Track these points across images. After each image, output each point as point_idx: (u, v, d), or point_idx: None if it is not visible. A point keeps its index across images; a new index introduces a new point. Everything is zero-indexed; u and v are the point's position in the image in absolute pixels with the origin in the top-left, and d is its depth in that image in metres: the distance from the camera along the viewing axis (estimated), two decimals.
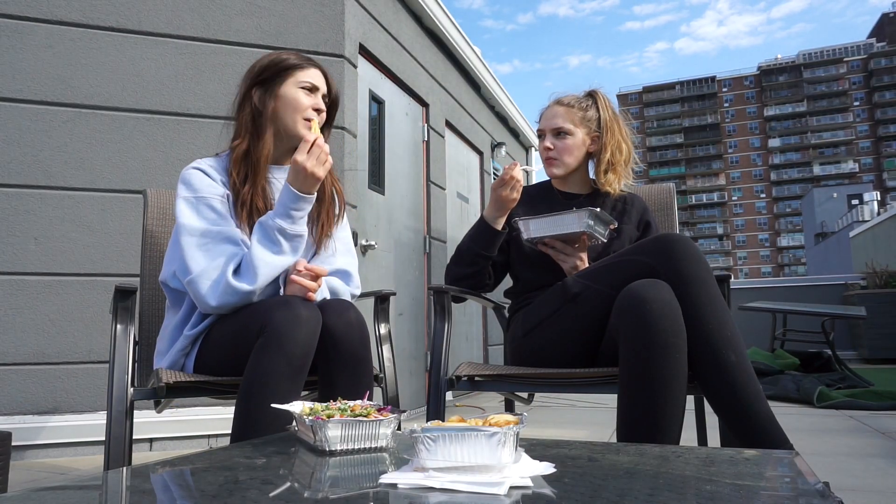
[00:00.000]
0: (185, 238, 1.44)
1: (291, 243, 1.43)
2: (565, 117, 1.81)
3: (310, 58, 1.62)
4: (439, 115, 4.55)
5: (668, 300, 1.33)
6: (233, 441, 1.25)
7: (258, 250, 1.40)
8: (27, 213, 2.67)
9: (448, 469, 0.73)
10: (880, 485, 1.93)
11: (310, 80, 1.58)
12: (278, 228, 1.41)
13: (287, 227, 1.41)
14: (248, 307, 1.41)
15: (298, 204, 1.42)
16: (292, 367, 1.24)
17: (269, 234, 1.41)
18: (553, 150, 1.81)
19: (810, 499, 0.66)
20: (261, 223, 1.43)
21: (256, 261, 1.39)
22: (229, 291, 1.39)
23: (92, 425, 2.61)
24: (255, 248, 1.41)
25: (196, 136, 2.89)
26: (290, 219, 1.42)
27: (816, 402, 3.80)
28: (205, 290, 1.40)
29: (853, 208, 25.28)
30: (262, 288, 1.41)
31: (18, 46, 2.71)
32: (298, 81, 1.56)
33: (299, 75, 1.57)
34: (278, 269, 1.42)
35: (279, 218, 1.42)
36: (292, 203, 1.41)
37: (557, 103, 1.85)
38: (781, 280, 10.42)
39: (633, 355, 1.31)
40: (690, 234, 78.51)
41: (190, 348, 1.48)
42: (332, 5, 3.10)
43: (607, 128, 1.82)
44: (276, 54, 1.61)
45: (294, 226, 1.42)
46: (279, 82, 1.57)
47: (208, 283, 1.40)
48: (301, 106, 1.55)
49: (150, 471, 0.86)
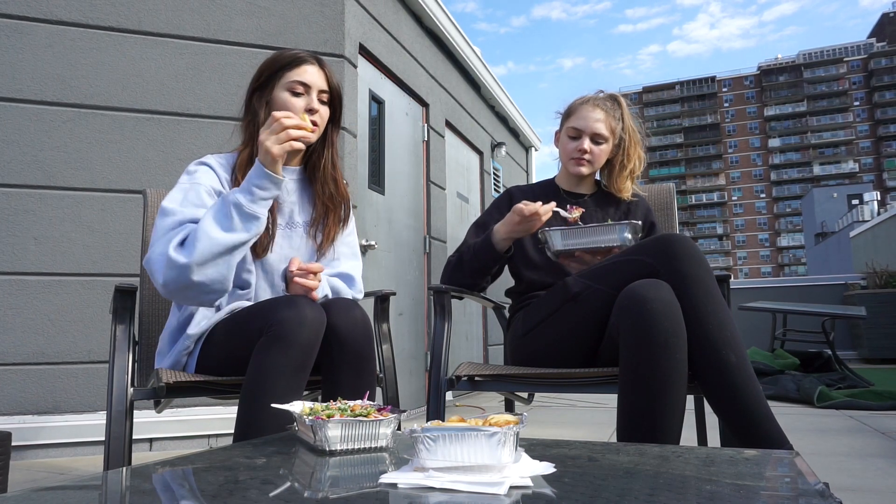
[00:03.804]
0: (159, 220, 1.37)
1: (245, 223, 1.31)
2: (605, 124, 1.80)
3: (303, 54, 1.53)
4: (439, 115, 4.55)
5: (669, 300, 1.33)
6: (235, 440, 1.25)
7: (205, 222, 1.30)
8: (27, 213, 2.67)
9: (448, 469, 0.73)
10: (880, 485, 1.93)
11: (299, 78, 1.49)
12: (234, 202, 1.31)
13: (245, 202, 1.31)
14: (252, 306, 1.38)
15: (262, 182, 1.33)
16: (295, 367, 1.23)
17: (223, 207, 1.32)
18: (589, 153, 1.80)
19: (810, 499, 0.66)
20: (221, 196, 1.36)
21: (199, 233, 1.29)
22: (169, 265, 1.28)
23: (92, 425, 2.61)
24: (203, 220, 1.31)
25: (196, 136, 2.89)
26: (250, 195, 1.32)
27: (816, 402, 3.79)
28: (156, 267, 1.30)
29: (853, 208, 25.28)
30: (203, 266, 1.28)
31: (18, 46, 2.71)
32: (287, 83, 1.49)
33: (289, 75, 1.49)
34: (222, 246, 1.29)
35: (239, 193, 1.33)
36: (257, 179, 1.33)
37: (600, 107, 1.82)
38: (781, 280, 10.42)
39: (634, 355, 1.32)
40: (690, 234, 78.51)
41: (192, 348, 1.48)
42: (332, 5, 3.10)
43: (630, 137, 1.84)
44: (275, 54, 1.55)
45: (252, 204, 1.32)
46: (272, 86, 1.51)
47: (160, 259, 1.30)
48: (292, 110, 1.47)
49: (150, 471, 0.86)
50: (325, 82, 1.53)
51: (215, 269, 1.30)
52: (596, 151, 1.81)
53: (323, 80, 1.53)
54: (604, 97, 1.86)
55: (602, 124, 1.80)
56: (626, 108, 1.86)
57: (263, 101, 1.51)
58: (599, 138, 1.80)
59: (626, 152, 1.83)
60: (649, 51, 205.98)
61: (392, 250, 3.80)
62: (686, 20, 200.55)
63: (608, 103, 1.84)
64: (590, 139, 1.80)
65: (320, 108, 1.51)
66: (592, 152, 1.80)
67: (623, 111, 1.85)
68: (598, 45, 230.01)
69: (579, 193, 1.89)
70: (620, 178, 1.85)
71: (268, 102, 1.51)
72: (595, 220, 1.84)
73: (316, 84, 1.51)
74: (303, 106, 1.49)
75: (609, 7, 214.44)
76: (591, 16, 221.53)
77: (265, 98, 1.51)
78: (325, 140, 1.60)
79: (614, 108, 1.84)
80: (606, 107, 1.83)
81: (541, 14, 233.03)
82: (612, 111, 1.83)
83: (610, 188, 1.89)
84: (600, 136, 1.80)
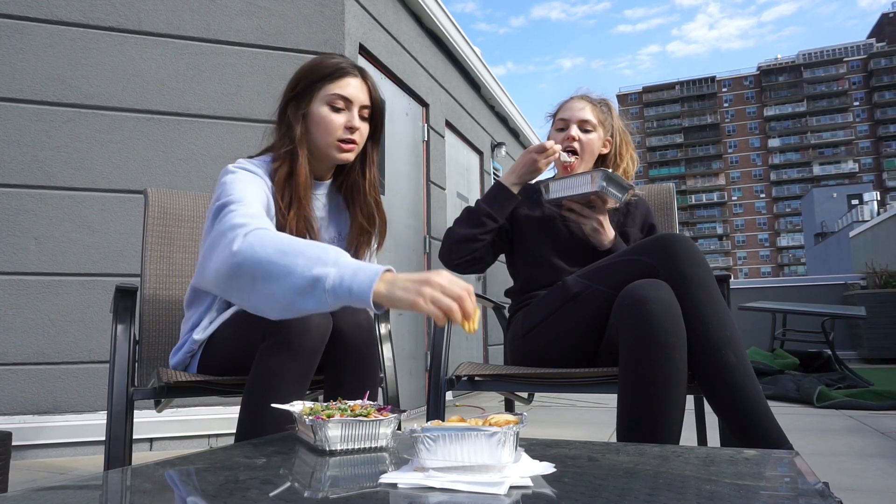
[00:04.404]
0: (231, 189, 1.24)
1: (303, 290, 1.03)
2: (591, 112, 1.82)
3: (345, 63, 1.41)
4: (439, 115, 4.55)
5: (669, 300, 1.33)
6: (237, 441, 1.24)
7: (285, 242, 1.08)
8: (27, 213, 2.67)
9: (448, 469, 0.73)
10: (880, 485, 1.93)
11: (340, 92, 1.38)
12: (320, 277, 1.02)
13: (330, 284, 1.02)
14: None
15: (357, 296, 1.01)
16: (299, 372, 1.22)
17: (316, 255, 1.05)
18: (577, 140, 1.81)
19: (810, 499, 0.67)
20: (326, 247, 1.06)
21: (272, 242, 1.08)
22: (225, 242, 1.13)
23: (92, 425, 2.61)
24: (285, 238, 1.11)
25: (196, 136, 2.89)
26: (337, 289, 1.02)
27: (816, 401, 3.80)
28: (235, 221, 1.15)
29: (853, 208, 25.29)
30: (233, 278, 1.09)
31: (18, 46, 2.71)
32: (327, 96, 1.38)
33: (329, 87, 1.38)
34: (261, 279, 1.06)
35: (340, 270, 1.02)
36: (356, 292, 1.01)
37: (583, 97, 1.86)
38: (781, 280, 10.41)
39: (633, 355, 1.32)
40: (690, 234, 78.52)
41: (197, 350, 1.48)
42: (332, 5, 3.10)
43: (622, 137, 1.88)
44: (313, 62, 1.43)
45: (329, 294, 1.02)
46: (309, 98, 1.40)
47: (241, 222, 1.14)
48: (331, 127, 1.38)
49: (150, 471, 0.86)
50: (368, 96, 1.43)
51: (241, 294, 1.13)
52: (585, 139, 1.80)
53: (366, 95, 1.42)
54: (591, 93, 1.90)
55: (587, 112, 1.81)
56: (615, 109, 1.90)
57: (300, 113, 1.41)
58: (587, 125, 1.81)
59: (618, 151, 1.87)
60: (648, 51, 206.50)
61: (392, 250, 3.80)
62: (685, 21, 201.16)
63: (594, 97, 1.88)
64: (577, 127, 1.81)
65: (361, 125, 1.42)
66: (581, 140, 1.80)
67: (612, 110, 1.88)
68: (598, 46, 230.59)
69: None
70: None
71: (305, 115, 1.41)
72: None
73: (358, 99, 1.41)
74: (342, 123, 1.39)
75: (608, 7, 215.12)
76: (590, 16, 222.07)
77: (302, 110, 1.41)
78: (365, 159, 1.50)
79: (601, 103, 1.87)
80: (591, 99, 1.86)
81: (540, 14, 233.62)
82: (600, 103, 1.86)
83: None
84: (587, 123, 1.81)
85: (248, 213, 1.19)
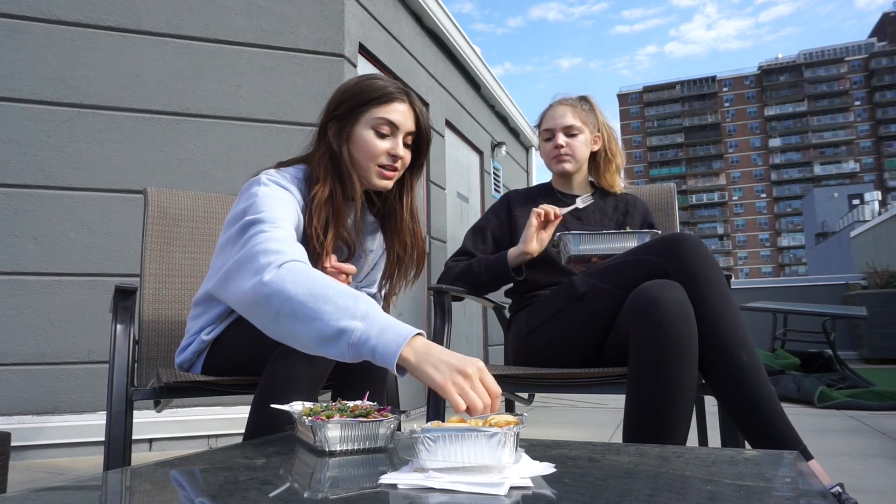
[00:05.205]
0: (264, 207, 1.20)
1: (327, 338, 0.99)
2: (574, 115, 1.83)
3: (392, 88, 1.36)
4: (439, 114, 4.55)
5: (682, 301, 1.32)
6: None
7: (318, 284, 1.04)
8: (27, 213, 2.67)
9: (448, 469, 0.73)
10: (881, 485, 1.93)
11: (387, 116, 1.33)
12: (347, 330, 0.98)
13: (355, 339, 0.97)
14: None
15: (381, 356, 0.96)
16: (313, 380, 1.21)
17: (345, 304, 1.00)
18: (566, 147, 1.82)
19: (810, 499, 0.66)
20: (358, 296, 1.02)
21: (305, 281, 1.04)
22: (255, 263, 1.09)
23: (91, 425, 2.61)
24: (318, 278, 1.05)
25: (196, 136, 2.89)
26: (360, 346, 0.97)
27: (817, 402, 3.79)
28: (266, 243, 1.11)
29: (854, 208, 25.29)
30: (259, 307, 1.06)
31: (17, 46, 2.71)
32: (373, 120, 1.34)
33: (376, 111, 1.34)
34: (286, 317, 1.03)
35: (367, 326, 0.97)
36: (380, 352, 0.95)
37: (562, 103, 1.87)
38: (782, 280, 10.41)
39: (645, 355, 1.30)
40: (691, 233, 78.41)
41: (204, 350, 1.47)
42: (332, 5, 3.10)
43: (606, 132, 1.90)
44: (359, 82, 1.37)
45: (351, 349, 0.98)
46: (354, 120, 1.35)
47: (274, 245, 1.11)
48: (374, 152, 1.34)
49: (150, 471, 0.86)
50: (415, 123, 1.39)
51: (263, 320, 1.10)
52: (573, 144, 1.82)
53: (412, 121, 1.38)
54: (569, 96, 1.91)
55: (569, 117, 1.83)
56: (597, 105, 1.91)
57: (343, 135, 1.37)
58: (572, 130, 1.82)
59: (608, 147, 1.88)
60: (646, 52, 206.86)
61: None
62: (682, 21, 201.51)
63: (573, 99, 1.89)
64: (562, 133, 1.82)
65: (404, 154, 1.37)
66: (570, 146, 1.82)
67: (594, 107, 1.89)
68: (596, 46, 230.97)
69: (576, 195, 1.89)
70: (608, 174, 1.89)
71: (347, 136, 1.36)
72: (595, 219, 1.84)
73: (404, 126, 1.36)
74: (386, 149, 1.35)
75: (606, 8, 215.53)
76: (587, 17, 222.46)
77: (345, 131, 1.36)
78: (403, 186, 1.46)
79: (582, 103, 1.88)
80: (571, 102, 1.87)
81: (538, 15, 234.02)
82: (580, 105, 1.87)
83: (602, 186, 1.92)
84: (572, 128, 1.82)
85: (282, 237, 1.16)
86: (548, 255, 1.74)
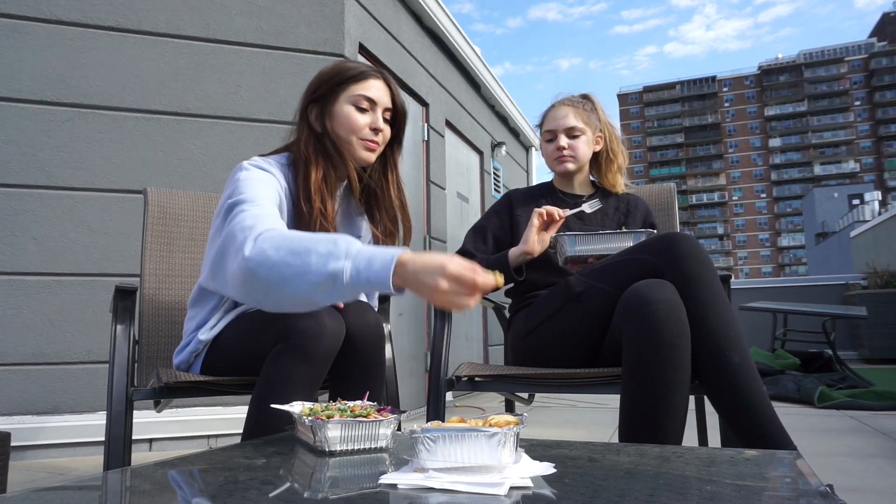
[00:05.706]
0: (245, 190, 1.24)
1: (321, 286, 1.03)
2: (576, 116, 1.82)
3: (365, 68, 1.42)
4: (439, 114, 4.55)
5: (674, 301, 1.33)
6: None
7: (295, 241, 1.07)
8: (26, 213, 2.67)
9: (448, 469, 0.73)
10: (881, 485, 1.93)
11: (365, 93, 1.39)
12: (339, 268, 1.02)
13: (348, 277, 1.02)
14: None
15: (376, 285, 1.02)
16: (311, 379, 1.21)
17: (327, 250, 1.04)
18: (568, 148, 1.81)
19: (810, 499, 0.66)
20: (335, 238, 1.06)
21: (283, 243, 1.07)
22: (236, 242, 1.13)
23: (91, 425, 2.61)
24: (294, 237, 1.09)
25: (196, 136, 2.89)
26: (355, 282, 1.02)
27: (817, 402, 3.79)
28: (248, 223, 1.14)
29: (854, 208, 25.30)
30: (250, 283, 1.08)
31: (18, 46, 2.71)
32: (352, 96, 1.39)
33: (354, 89, 1.39)
34: (277, 283, 1.05)
35: (354, 262, 1.02)
36: (374, 281, 1.01)
37: (564, 104, 1.86)
38: (782, 280, 10.41)
39: (637, 355, 1.31)
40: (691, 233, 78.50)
41: (202, 350, 1.47)
42: (332, 5, 3.10)
43: (608, 132, 1.88)
44: (334, 66, 1.43)
45: (348, 287, 1.02)
46: (333, 99, 1.40)
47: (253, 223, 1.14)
48: (356, 125, 1.38)
49: (150, 471, 0.86)
50: (391, 99, 1.44)
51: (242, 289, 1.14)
52: (575, 145, 1.81)
53: (388, 97, 1.44)
54: (571, 96, 1.89)
55: (571, 118, 1.81)
56: (599, 104, 1.89)
57: (325, 115, 1.41)
58: (574, 131, 1.82)
59: (610, 146, 1.87)
60: (646, 52, 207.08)
61: None
62: (682, 21, 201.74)
63: (575, 99, 1.88)
64: (565, 135, 1.82)
65: (384, 127, 1.43)
66: (572, 147, 1.81)
67: (596, 106, 1.88)
68: (595, 46, 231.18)
69: (578, 195, 1.89)
70: (610, 174, 1.88)
71: (328, 116, 1.40)
72: (596, 219, 1.84)
73: (382, 101, 1.42)
74: (367, 123, 1.39)
75: (605, 8, 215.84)
76: (587, 17, 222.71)
77: (327, 110, 1.41)
78: (386, 162, 1.51)
79: (583, 103, 1.87)
80: (573, 102, 1.86)
81: (537, 15, 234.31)
82: (581, 105, 1.85)
83: (604, 186, 1.90)
84: (574, 129, 1.81)
85: (258, 213, 1.19)
86: (547, 255, 1.73)
